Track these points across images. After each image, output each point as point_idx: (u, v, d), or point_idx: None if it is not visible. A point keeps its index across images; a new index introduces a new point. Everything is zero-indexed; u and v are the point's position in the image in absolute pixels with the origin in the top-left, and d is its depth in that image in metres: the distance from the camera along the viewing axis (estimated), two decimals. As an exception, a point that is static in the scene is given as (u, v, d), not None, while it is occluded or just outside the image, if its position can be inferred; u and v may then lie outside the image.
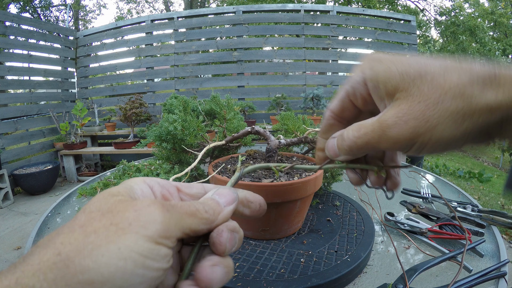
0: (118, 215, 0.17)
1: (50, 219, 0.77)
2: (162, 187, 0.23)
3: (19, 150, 3.37)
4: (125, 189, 0.21)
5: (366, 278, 0.50)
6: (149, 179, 0.23)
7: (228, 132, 0.80)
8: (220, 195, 0.24)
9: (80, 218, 0.18)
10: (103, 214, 0.18)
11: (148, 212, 0.18)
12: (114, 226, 0.17)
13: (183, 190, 0.25)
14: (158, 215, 0.18)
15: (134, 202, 0.19)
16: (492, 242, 0.60)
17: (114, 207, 0.18)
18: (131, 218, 0.17)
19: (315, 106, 3.32)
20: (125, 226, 0.17)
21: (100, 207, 0.18)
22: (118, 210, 0.18)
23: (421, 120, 0.21)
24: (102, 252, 0.15)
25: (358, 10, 4.08)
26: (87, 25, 15.25)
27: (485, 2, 14.40)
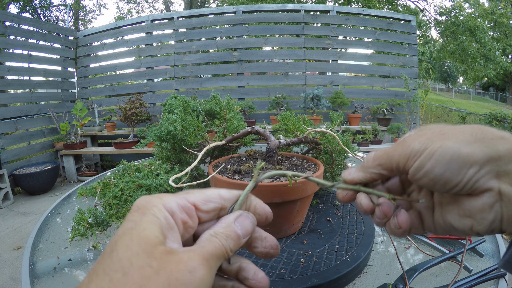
0: (173, 277, 0.18)
1: (50, 219, 0.77)
2: (181, 212, 0.23)
3: (19, 150, 3.37)
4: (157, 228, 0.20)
5: (366, 278, 0.50)
6: (168, 203, 0.22)
7: (228, 132, 0.80)
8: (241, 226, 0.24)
9: (132, 275, 0.17)
10: (157, 272, 0.18)
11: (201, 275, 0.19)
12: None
13: (201, 208, 0.24)
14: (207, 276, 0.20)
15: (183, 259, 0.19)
16: (492, 242, 0.60)
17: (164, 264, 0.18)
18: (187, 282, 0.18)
19: (315, 106, 3.31)
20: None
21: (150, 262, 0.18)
22: (171, 269, 0.18)
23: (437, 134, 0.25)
24: None
25: (358, 10, 4.08)
26: (87, 25, 15.26)
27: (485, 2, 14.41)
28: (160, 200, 0.22)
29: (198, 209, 0.24)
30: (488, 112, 3.72)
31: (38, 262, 0.57)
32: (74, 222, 0.61)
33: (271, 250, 0.26)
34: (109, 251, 0.19)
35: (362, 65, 4.27)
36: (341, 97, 3.42)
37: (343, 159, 0.76)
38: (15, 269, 1.85)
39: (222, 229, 0.23)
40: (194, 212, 0.24)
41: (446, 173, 0.23)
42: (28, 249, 0.61)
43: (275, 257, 0.27)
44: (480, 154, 0.22)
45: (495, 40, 12.40)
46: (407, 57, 3.97)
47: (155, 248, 0.19)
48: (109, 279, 0.17)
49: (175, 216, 0.22)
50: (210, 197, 0.25)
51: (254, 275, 0.25)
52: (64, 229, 0.71)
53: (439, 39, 13.01)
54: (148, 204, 0.22)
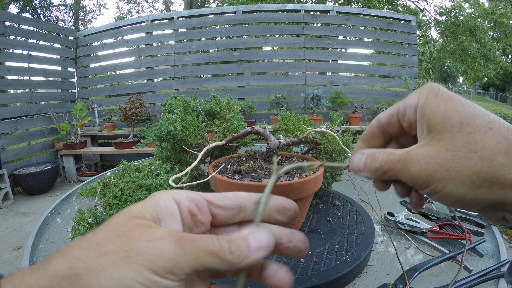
0: (130, 242, 0.18)
1: (50, 219, 0.77)
2: (190, 202, 0.23)
3: (19, 150, 3.37)
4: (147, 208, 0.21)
5: (366, 278, 0.50)
6: (177, 194, 0.23)
7: (228, 132, 0.80)
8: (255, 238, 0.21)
9: (98, 235, 0.19)
10: (118, 236, 0.18)
11: (159, 246, 0.18)
12: (124, 252, 0.17)
13: (215, 203, 0.24)
14: (168, 251, 0.18)
15: (149, 231, 0.19)
16: (492, 242, 0.60)
17: (130, 231, 0.19)
18: (141, 248, 0.18)
19: (315, 106, 3.31)
20: (133, 255, 0.17)
21: (118, 228, 0.19)
22: (132, 236, 0.18)
23: (441, 168, 0.21)
24: (106, 276, 0.17)
25: (358, 10, 4.08)
26: (87, 25, 15.26)
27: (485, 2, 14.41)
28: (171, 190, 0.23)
29: (212, 204, 0.24)
30: (488, 112, 3.71)
31: (38, 262, 0.57)
32: (74, 222, 0.61)
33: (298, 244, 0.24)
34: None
35: (362, 65, 4.27)
36: (341, 97, 3.42)
37: (343, 159, 0.76)
38: (15, 269, 1.85)
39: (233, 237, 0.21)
40: (206, 207, 0.24)
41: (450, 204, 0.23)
42: (28, 249, 0.61)
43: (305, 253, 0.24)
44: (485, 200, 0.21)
45: (495, 40, 12.40)
46: (407, 57, 3.97)
47: (132, 219, 0.20)
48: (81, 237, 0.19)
49: (181, 205, 0.22)
50: (225, 196, 0.25)
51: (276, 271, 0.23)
52: (64, 229, 0.71)
53: (439, 39, 13.00)
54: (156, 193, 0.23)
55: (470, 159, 0.20)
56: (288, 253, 0.24)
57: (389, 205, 0.80)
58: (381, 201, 0.80)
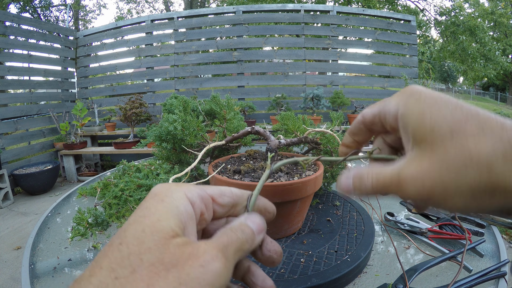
0: (184, 272, 0.16)
1: (50, 219, 0.77)
2: (201, 202, 0.22)
3: (19, 150, 3.37)
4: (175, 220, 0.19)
5: (366, 278, 0.50)
6: (190, 193, 0.21)
7: (228, 132, 0.80)
8: (254, 223, 0.23)
9: (141, 273, 0.16)
10: (167, 269, 0.16)
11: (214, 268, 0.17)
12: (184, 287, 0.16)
13: (217, 201, 0.24)
14: (222, 268, 0.18)
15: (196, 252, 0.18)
16: (492, 242, 0.60)
17: (177, 258, 0.17)
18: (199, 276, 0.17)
19: (315, 106, 3.31)
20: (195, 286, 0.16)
21: (161, 258, 0.17)
22: (183, 264, 0.17)
23: (439, 185, 0.20)
24: None
25: (358, 10, 4.08)
26: (87, 25, 15.26)
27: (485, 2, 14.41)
28: (181, 188, 0.22)
29: (215, 201, 0.24)
30: (488, 112, 3.71)
31: (38, 262, 0.57)
32: (74, 222, 0.61)
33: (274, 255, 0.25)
34: (118, 243, 0.17)
35: (362, 65, 4.27)
36: (341, 97, 3.42)
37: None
38: (15, 269, 1.85)
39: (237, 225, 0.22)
40: (211, 204, 0.23)
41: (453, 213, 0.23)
42: (28, 249, 0.61)
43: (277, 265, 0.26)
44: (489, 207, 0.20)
45: (495, 40, 12.40)
46: (407, 57, 3.97)
47: (170, 241, 0.18)
48: (114, 276, 0.16)
49: (195, 206, 0.21)
50: (224, 192, 0.25)
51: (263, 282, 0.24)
52: (64, 229, 0.71)
53: (439, 39, 13.00)
54: (167, 191, 0.21)
55: (467, 171, 0.19)
56: (262, 259, 0.25)
57: (389, 205, 0.80)
58: (381, 201, 0.80)
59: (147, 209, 0.19)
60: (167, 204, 0.20)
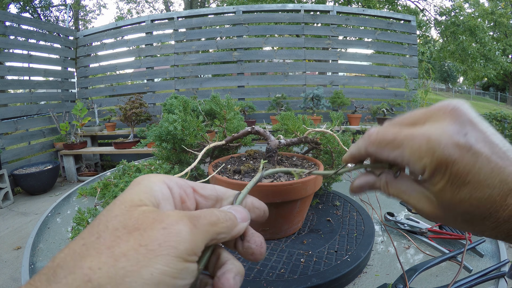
0: (145, 234, 0.17)
1: (50, 219, 0.77)
2: (180, 189, 0.23)
3: (19, 150, 3.37)
4: (146, 194, 0.20)
5: (366, 278, 0.50)
6: (168, 179, 0.22)
7: (228, 132, 0.80)
8: (236, 211, 0.23)
9: (105, 237, 0.16)
10: (129, 232, 0.17)
11: (177, 230, 0.17)
12: (144, 248, 0.16)
13: (198, 191, 0.24)
14: (186, 232, 0.17)
15: (160, 217, 0.18)
16: (492, 242, 0.60)
17: (140, 222, 0.17)
18: (160, 238, 0.16)
19: (315, 106, 3.31)
20: (155, 248, 0.16)
21: (125, 222, 0.17)
22: (145, 227, 0.17)
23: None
24: (135, 279, 0.15)
25: (358, 10, 4.08)
26: (87, 25, 15.26)
27: (485, 2, 14.41)
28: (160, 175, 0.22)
29: (196, 192, 0.24)
30: (488, 112, 3.72)
31: (38, 262, 0.57)
32: (74, 222, 0.61)
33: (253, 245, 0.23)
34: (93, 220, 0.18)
35: (362, 65, 4.27)
36: (341, 97, 3.42)
37: (343, 159, 0.75)
38: (15, 269, 1.85)
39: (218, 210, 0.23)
40: (192, 194, 0.24)
41: None
42: (28, 249, 0.61)
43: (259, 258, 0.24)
44: None
45: (495, 40, 12.40)
46: (407, 57, 3.97)
47: (136, 208, 0.18)
48: (82, 243, 0.16)
49: (173, 190, 0.22)
50: (206, 186, 0.25)
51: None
52: (64, 229, 0.71)
53: (439, 39, 13.00)
54: (145, 176, 0.22)
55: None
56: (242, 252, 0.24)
57: (389, 205, 0.80)
58: (381, 201, 0.80)
59: (123, 192, 0.20)
60: (142, 185, 0.21)
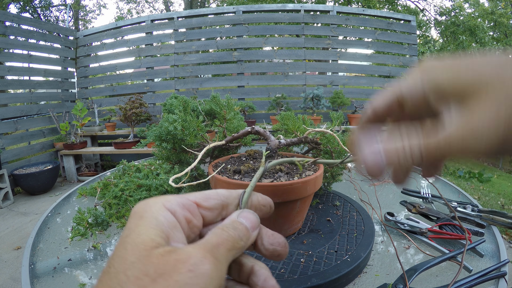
0: (172, 280, 0.16)
1: (50, 219, 0.77)
2: (183, 209, 0.22)
3: (19, 150, 3.37)
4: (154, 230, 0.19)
5: (366, 278, 0.50)
6: (168, 202, 0.21)
7: (228, 132, 0.80)
8: (246, 219, 0.23)
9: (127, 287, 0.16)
10: (154, 280, 0.16)
11: (204, 270, 0.17)
12: None
13: (202, 205, 0.23)
14: (213, 270, 0.17)
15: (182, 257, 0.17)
16: (492, 242, 0.60)
17: (162, 267, 0.16)
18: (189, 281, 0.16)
19: (315, 106, 3.31)
20: None
21: (146, 270, 0.16)
22: (169, 272, 0.16)
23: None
24: None
25: (358, 10, 4.08)
26: (87, 25, 15.25)
27: (485, 2, 14.41)
28: (159, 200, 0.21)
29: (200, 206, 0.23)
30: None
31: (38, 262, 0.57)
32: (74, 222, 0.61)
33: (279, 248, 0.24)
34: (107, 267, 0.17)
35: (362, 65, 4.27)
36: (341, 97, 3.42)
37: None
38: (15, 269, 1.85)
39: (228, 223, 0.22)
40: (197, 210, 0.23)
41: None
42: (28, 249, 0.61)
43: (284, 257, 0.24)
44: None
45: (495, 40, 12.39)
46: (407, 57, 3.97)
47: (152, 252, 0.17)
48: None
49: (177, 214, 0.21)
50: (209, 195, 0.24)
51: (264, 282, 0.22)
52: (64, 229, 0.71)
53: (439, 39, 13.00)
54: (146, 206, 0.20)
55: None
56: (267, 255, 0.24)
57: (389, 205, 0.80)
58: (381, 201, 0.80)
59: (129, 229, 0.19)
60: (146, 219, 0.19)
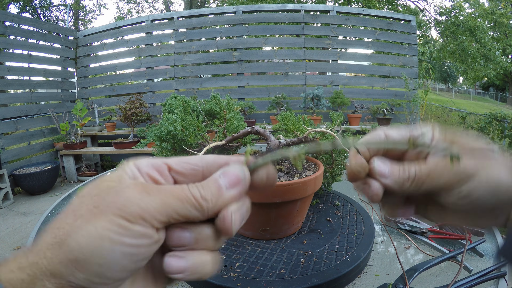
0: (100, 197, 0.19)
1: (50, 219, 0.77)
2: (149, 168, 0.22)
3: (19, 150, 3.37)
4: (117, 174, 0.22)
5: (366, 278, 0.50)
6: (139, 161, 0.23)
7: (228, 132, 0.80)
8: (226, 176, 0.22)
9: (74, 203, 0.20)
10: (91, 197, 0.19)
11: (126, 193, 0.19)
12: (96, 209, 0.18)
13: (173, 168, 0.23)
14: (135, 196, 0.19)
15: (117, 185, 0.20)
16: (492, 242, 0.60)
17: (101, 191, 0.20)
18: (110, 200, 0.19)
19: (315, 106, 3.31)
20: (104, 208, 0.18)
21: (91, 191, 0.20)
22: (103, 194, 0.19)
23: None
24: (82, 233, 0.18)
25: (358, 10, 4.08)
26: (87, 25, 15.25)
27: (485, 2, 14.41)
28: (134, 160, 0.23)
29: (171, 170, 0.23)
30: (488, 112, 3.71)
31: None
32: (74, 222, 0.61)
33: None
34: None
35: (362, 65, 4.27)
36: (341, 97, 3.42)
37: (343, 159, 0.76)
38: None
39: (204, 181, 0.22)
40: (166, 171, 0.23)
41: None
42: (28, 249, 0.61)
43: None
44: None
45: (495, 40, 12.40)
46: (407, 57, 3.97)
47: (102, 182, 0.20)
48: (62, 211, 0.20)
49: (141, 170, 0.22)
50: (189, 160, 0.24)
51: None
52: (64, 229, 0.71)
53: (439, 39, 13.00)
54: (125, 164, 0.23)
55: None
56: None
57: (389, 205, 0.80)
58: (381, 201, 0.80)
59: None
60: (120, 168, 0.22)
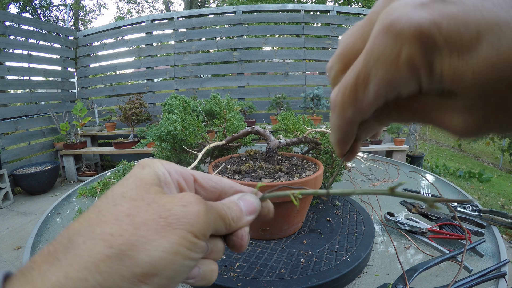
0: (165, 208, 0.18)
1: (50, 219, 0.77)
2: (179, 175, 0.23)
3: (19, 150, 3.37)
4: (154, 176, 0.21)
5: (366, 278, 0.50)
6: (168, 165, 0.23)
7: (228, 132, 0.80)
8: (245, 202, 0.24)
9: (123, 205, 0.17)
10: (149, 204, 0.18)
11: (195, 210, 0.19)
12: (163, 220, 0.17)
13: (199, 181, 0.24)
14: (203, 214, 0.19)
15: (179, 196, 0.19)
16: (492, 242, 0.60)
17: (158, 198, 0.18)
18: (179, 213, 0.18)
19: (315, 106, 3.32)
20: (174, 222, 0.17)
21: (143, 196, 0.18)
22: (164, 203, 0.18)
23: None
24: (155, 247, 0.16)
25: (358, 10, 4.08)
26: (87, 25, 15.25)
27: (485, 2, 14.41)
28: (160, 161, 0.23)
29: (196, 181, 0.24)
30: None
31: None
32: (74, 222, 0.61)
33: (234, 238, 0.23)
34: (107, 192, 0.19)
35: (362, 65, 4.27)
36: (341, 97, 3.42)
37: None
38: (15, 269, 1.85)
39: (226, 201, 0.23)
40: (192, 182, 0.24)
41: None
42: (28, 249, 0.61)
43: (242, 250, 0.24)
44: None
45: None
46: (407, 57, 3.97)
47: (151, 186, 0.19)
48: (98, 210, 0.17)
49: (172, 175, 0.22)
50: (211, 178, 0.25)
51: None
52: (64, 229, 0.71)
53: (439, 39, 13.01)
54: (148, 161, 0.23)
55: None
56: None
57: (389, 205, 0.80)
58: (381, 201, 0.80)
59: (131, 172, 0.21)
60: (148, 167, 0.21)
